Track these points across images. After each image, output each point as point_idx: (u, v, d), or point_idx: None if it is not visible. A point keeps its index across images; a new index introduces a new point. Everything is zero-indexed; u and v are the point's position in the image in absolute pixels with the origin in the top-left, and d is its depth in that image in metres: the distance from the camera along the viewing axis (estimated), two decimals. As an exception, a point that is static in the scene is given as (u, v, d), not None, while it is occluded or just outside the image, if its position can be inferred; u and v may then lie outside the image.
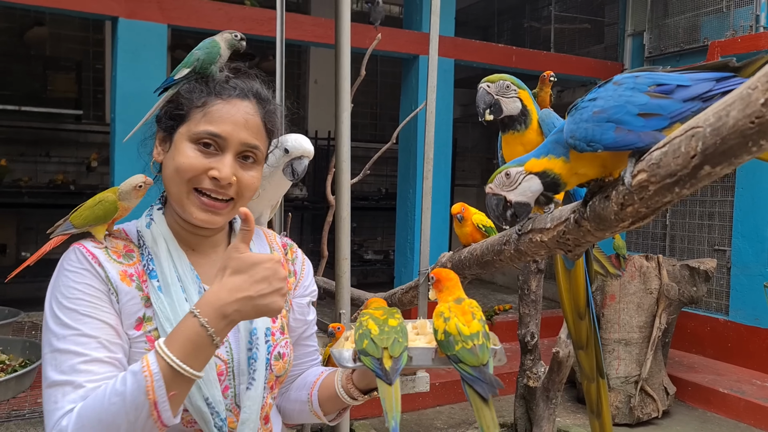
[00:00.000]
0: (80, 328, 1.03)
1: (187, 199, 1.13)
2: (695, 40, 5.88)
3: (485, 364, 0.98)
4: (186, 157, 1.12)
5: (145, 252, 1.16)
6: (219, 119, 1.14)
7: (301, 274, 1.35)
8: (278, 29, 2.33)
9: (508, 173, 1.12)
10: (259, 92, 1.21)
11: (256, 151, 1.17)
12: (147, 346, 1.08)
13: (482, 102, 1.52)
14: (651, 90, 1.01)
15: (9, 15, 6.46)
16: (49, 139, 6.65)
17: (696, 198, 6.01)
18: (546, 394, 3.35)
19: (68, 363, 1.01)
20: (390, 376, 1.00)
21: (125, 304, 1.09)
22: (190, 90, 1.20)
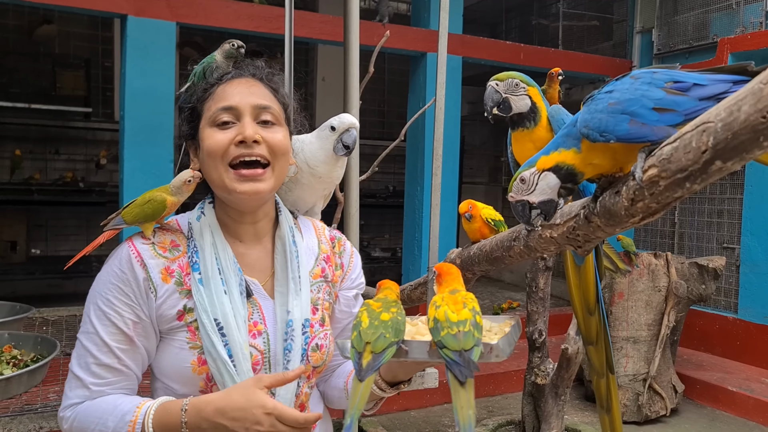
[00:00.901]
0: (100, 332, 1.15)
1: (226, 177, 1.18)
2: (704, 37, 5.85)
3: (468, 350, 0.97)
4: (211, 137, 1.19)
5: (192, 244, 1.23)
6: (225, 96, 1.22)
7: (348, 267, 1.40)
8: (287, 27, 2.33)
9: (523, 178, 1.13)
10: (258, 67, 1.30)
11: (271, 110, 1.23)
12: (188, 335, 1.17)
13: (490, 100, 1.52)
14: (667, 86, 1.01)
15: (18, 13, 6.50)
16: (59, 137, 6.68)
17: (705, 195, 5.98)
18: (555, 390, 3.34)
19: (85, 360, 1.16)
20: (362, 371, 0.99)
21: (164, 301, 1.18)
22: (193, 93, 1.29)
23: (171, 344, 1.18)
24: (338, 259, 1.39)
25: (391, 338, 1.00)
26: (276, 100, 1.26)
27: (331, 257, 1.37)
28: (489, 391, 5.17)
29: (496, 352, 1.00)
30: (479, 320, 1.02)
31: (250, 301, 1.22)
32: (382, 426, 4.28)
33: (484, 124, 8.70)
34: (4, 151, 6.36)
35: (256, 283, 1.25)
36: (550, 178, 1.11)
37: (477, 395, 5.21)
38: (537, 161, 1.12)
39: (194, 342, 1.17)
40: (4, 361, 1.89)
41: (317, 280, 1.32)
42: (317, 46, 7.86)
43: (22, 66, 6.65)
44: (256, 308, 1.23)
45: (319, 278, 1.33)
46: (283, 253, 1.28)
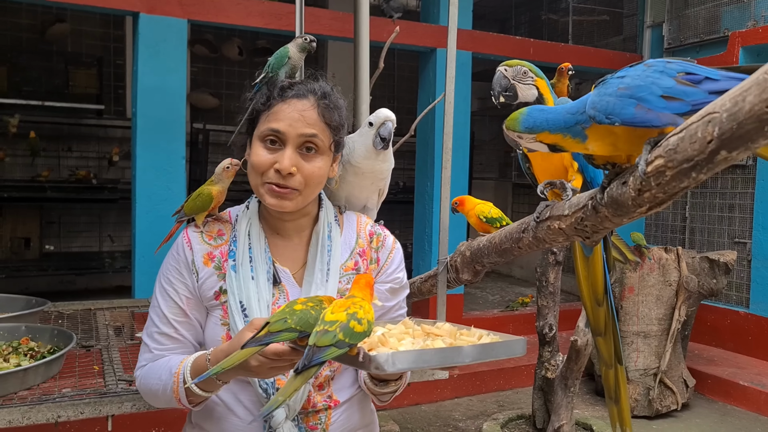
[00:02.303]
0: (161, 305, 1.35)
1: (261, 188, 1.32)
2: (715, 30, 5.81)
3: (320, 346, 1.01)
4: (256, 155, 1.31)
5: (233, 234, 1.38)
6: (278, 118, 1.31)
7: (385, 262, 1.47)
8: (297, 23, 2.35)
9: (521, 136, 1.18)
10: (315, 90, 1.36)
11: (315, 139, 1.31)
12: (222, 313, 1.34)
13: (498, 85, 1.53)
14: (679, 76, 1.03)
15: (31, 12, 6.56)
16: (71, 134, 6.74)
17: (716, 190, 5.95)
18: (564, 382, 3.35)
19: (150, 329, 1.38)
20: (248, 341, 1.11)
21: (204, 282, 1.34)
22: (260, 97, 1.39)
23: (210, 319, 1.36)
24: (374, 254, 1.46)
25: (291, 324, 1.07)
26: (326, 128, 1.34)
27: (367, 251, 1.45)
28: (499, 386, 5.19)
29: (374, 364, 1.01)
30: (356, 326, 1.03)
31: (279, 288, 1.36)
32: (393, 420, 4.31)
33: (494, 119, 8.69)
34: (17, 148, 6.44)
35: (286, 271, 1.38)
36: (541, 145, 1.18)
37: (487, 390, 5.24)
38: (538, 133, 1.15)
39: (225, 320, 1.33)
40: (22, 352, 1.93)
41: (348, 273, 1.41)
42: (327, 42, 7.88)
43: (36, 64, 6.72)
44: (283, 294, 1.36)
45: (350, 270, 1.42)
46: (316, 245, 1.39)
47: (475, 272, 1.85)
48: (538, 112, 1.16)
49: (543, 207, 1.36)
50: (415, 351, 1.04)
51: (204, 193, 1.45)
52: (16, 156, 6.47)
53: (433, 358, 1.05)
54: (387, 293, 1.48)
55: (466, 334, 1.20)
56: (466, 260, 1.83)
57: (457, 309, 5.72)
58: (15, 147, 6.41)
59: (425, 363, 1.05)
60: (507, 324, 6.13)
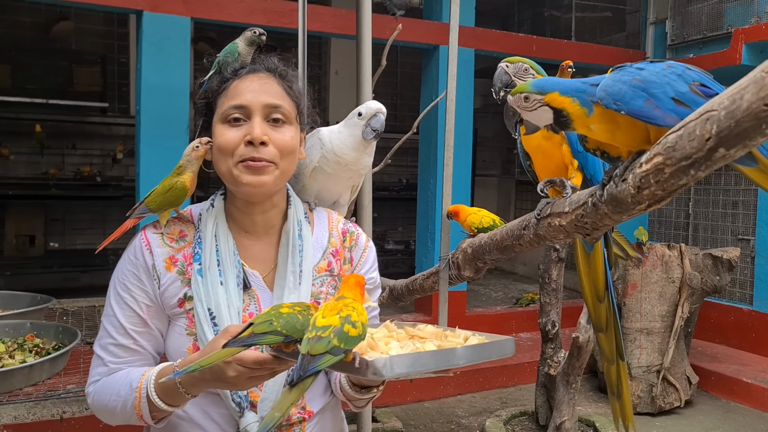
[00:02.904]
0: (118, 315, 1.24)
1: (235, 170, 1.22)
2: (719, 27, 5.80)
3: (315, 354, 0.93)
4: (222, 135, 1.23)
5: (197, 235, 1.28)
6: (238, 93, 1.24)
7: (358, 262, 1.39)
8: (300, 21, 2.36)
9: (527, 97, 1.16)
10: (269, 65, 1.31)
11: (282, 109, 1.25)
12: (187, 322, 1.24)
13: (499, 81, 1.54)
14: (694, 85, 1.05)
15: (35, 10, 6.58)
16: (75, 132, 6.76)
17: (720, 187, 5.94)
18: (566, 378, 3.36)
19: (105, 340, 1.26)
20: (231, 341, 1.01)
21: (167, 288, 1.24)
22: (211, 84, 1.32)
23: (174, 329, 1.26)
24: (348, 254, 1.38)
25: (277, 327, 0.99)
26: (288, 98, 1.28)
27: (340, 251, 1.37)
28: (502, 383, 5.20)
29: (372, 370, 0.94)
30: (350, 330, 0.96)
31: (248, 293, 1.26)
32: (396, 417, 4.32)
33: (497, 116, 8.68)
34: (21, 146, 6.46)
35: (256, 275, 1.28)
36: (547, 114, 1.15)
37: (490, 386, 5.24)
38: (548, 93, 1.14)
39: (191, 329, 1.23)
40: (27, 349, 1.95)
41: (321, 274, 1.33)
42: (330, 40, 7.89)
43: (39, 62, 6.74)
44: (254, 300, 1.27)
45: (324, 272, 1.33)
46: (286, 246, 1.30)
47: (476, 269, 1.85)
48: (550, 78, 1.18)
49: (543, 204, 1.36)
50: (411, 355, 0.99)
51: (177, 185, 1.29)
52: (20, 154, 6.50)
53: (429, 361, 1.00)
54: None
55: (451, 335, 1.14)
56: (467, 257, 1.84)
57: (459, 306, 5.72)
58: (19, 144, 6.43)
59: (422, 367, 0.99)
60: (510, 321, 6.14)
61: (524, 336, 6.08)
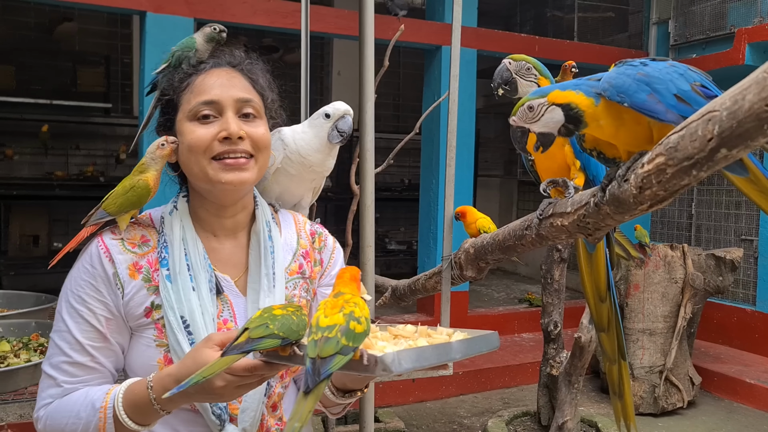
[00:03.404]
0: (72, 329, 1.14)
1: (210, 169, 1.16)
2: (722, 27, 5.79)
3: (325, 357, 0.89)
4: (192, 133, 1.17)
5: (162, 239, 1.20)
6: (205, 89, 1.19)
7: (328, 263, 1.36)
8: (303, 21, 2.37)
9: (531, 106, 1.14)
10: (231, 58, 1.26)
11: (252, 104, 1.20)
12: (155, 332, 1.15)
13: (499, 77, 1.54)
14: (695, 85, 1.07)
15: (39, 11, 6.60)
16: (79, 132, 6.79)
17: (723, 187, 5.93)
18: (568, 378, 3.37)
19: (57, 358, 1.15)
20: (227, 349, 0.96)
21: (131, 297, 1.16)
22: (170, 81, 1.25)
23: (139, 341, 1.17)
24: (318, 255, 1.35)
25: (274, 330, 0.95)
26: (255, 92, 1.24)
27: (310, 253, 1.34)
28: (505, 383, 5.20)
29: (382, 366, 0.90)
30: (356, 327, 0.92)
31: (221, 298, 1.20)
32: (398, 417, 4.33)
33: (499, 117, 8.68)
34: (25, 146, 6.48)
35: (228, 279, 1.23)
36: (556, 113, 1.13)
37: (492, 387, 5.23)
38: (549, 93, 1.14)
39: (161, 340, 1.15)
40: (32, 348, 1.96)
41: (294, 277, 1.29)
42: (332, 40, 7.90)
43: (43, 63, 6.76)
44: (227, 305, 1.20)
45: (296, 275, 1.30)
46: (257, 248, 1.25)
47: (479, 269, 1.86)
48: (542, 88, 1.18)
49: (546, 204, 1.37)
50: (416, 349, 0.97)
51: (140, 184, 1.19)
52: (24, 154, 6.52)
53: (432, 355, 0.99)
54: None
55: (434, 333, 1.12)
56: (470, 257, 1.85)
57: (462, 306, 5.73)
58: (23, 145, 6.46)
59: (425, 361, 0.98)
60: (512, 321, 6.14)
61: (526, 336, 6.08)
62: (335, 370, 0.89)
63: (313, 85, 2.18)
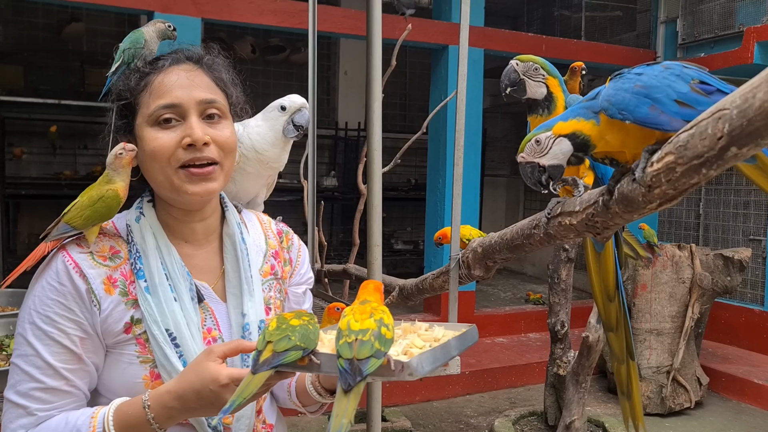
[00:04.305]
0: (42, 353, 1.04)
1: (175, 178, 1.09)
2: (730, 26, 5.76)
3: (361, 359, 0.91)
4: (154, 140, 1.09)
5: (134, 249, 1.12)
6: (165, 90, 1.11)
7: (297, 262, 1.33)
8: (310, 21, 2.37)
9: (538, 140, 1.15)
10: (191, 54, 1.18)
11: (216, 104, 1.13)
12: (137, 348, 1.08)
13: (507, 78, 1.54)
14: (693, 83, 1.05)
15: (47, 12, 6.64)
16: (87, 132, 6.82)
17: (731, 187, 5.91)
18: (575, 378, 3.36)
19: (25, 386, 1.04)
20: (256, 365, 0.94)
21: (109, 314, 1.08)
22: (125, 82, 1.17)
23: (118, 359, 1.09)
24: (286, 254, 1.31)
25: (297, 341, 0.95)
26: (219, 90, 1.16)
27: (280, 253, 1.29)
28: (511, 383, 5.19)
29: (408, 371, 0.92)
30: (386, 333, 0.94)
31: (202, 307, 1.14)
32: (405, 416, 4.33)
33: (506, 116, 8.67)
34: (33, 146, 6.52)
35: (206, 286, 1.17)
36: (564, 144, 1.14)
37: (499, 387, 5.24)
38: (554, 126, 1.14)
39: (145, 355, 1.08)
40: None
41: (267, 278, 1.25)
42: (339, 40, 7.90)
43: (52, 63, 6.80)
44: (209, 313, 1.15)
45: (269, 276, 1.26)
46: (233, 251, 1.20)
47: (486, 268, 1.86)
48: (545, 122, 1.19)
49: (554, 203, 1.37)
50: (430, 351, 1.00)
51: (109, 195, 1.09)
52: (33, 154, 6.56)
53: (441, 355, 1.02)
54: (302, 295, 1.34)
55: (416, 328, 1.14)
56: (477, 256, 1.85)
57: (468, 306, 5.73)
58: (32, 144, 6.49)
59: (439, 361, 1.01)
60: (519, 321, 6.13)
61: (533, 336, 6.07)
62: (371, 372, 0.90)
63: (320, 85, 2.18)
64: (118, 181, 1.11)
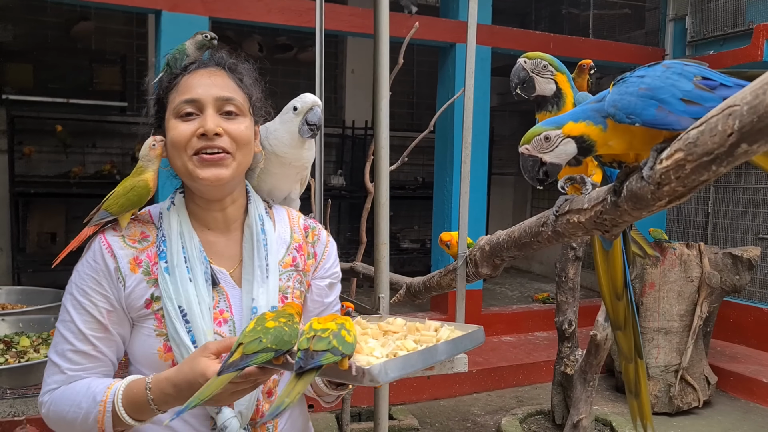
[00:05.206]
0: (76, 320, 1.21)
1: (190, 164, 1.22)
2: (740, 23, 5.73)
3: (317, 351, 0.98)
4: (174, 129, 1.23)
5: (160, 234, 1.27)
6: (189, 88, 1.25)
7: (322, 257, 1.42)
8: (318, 20, 2.37)
9: (548, 136, 1.15)
10: (218, 58, 1.32)
11: (234, 101, 1.26)
12: (155, 323, 1.23)
13: (516, 77, 1.54)
14: (696, 80, 1.05)
15: (56, 10, 6.67)
16: (96, 131, 6.86)
17: (740, 185, 5.87)
18: (583, 376, 3.35)
19: (62, 346, 1.22)
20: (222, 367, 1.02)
21: (133, 290, 1.23)
22: (159, 83, 1.34)
23: (141, 331, 1.24)
24: (311, 249, 1.40)
25: (268, 344, 1.01)
26: (240, 90, 1.29)
27: (304, 246, 1.39)
28: (518, 382, 5.19)
29: (369, 377, 0.97)
30: (346, 336, 1.01)
31: (217, 290, 1.26)
32: (412, 414, 4.33)
33: (514, 115, 8.65)
34: (43, 144, 6.55)
35: (223, 272, 1.29)
36: (570, 146, 1.14)
37: (506, 385, 5.23)
38: (564, 125, 1.14)
39: (160, 329, 1.22)
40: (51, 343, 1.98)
41: (287, 269, 1.35)
42: (346, 38, 7.91)
43: (61, 62, 6.83)
44: (223, 296, 1.27)
45: (289, 267, 1.35)
46: (250, 241, 1.31)
47: (494, 266, 1.85)
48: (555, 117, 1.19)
49: (562, 201, 1.36)
50: (402, 358, 1.03)
51: (140, 184, 1.26)
52: (42, 152, 6.60)
53: (418, 361, 1.04)
54: (326, 288, 1.43)
55: (422, 327, 1.17)
56: (485, 254, 1.84)
57: (476, 304, 5.72)
58: (42, 143, 6.53)
59: (411, 368, 1.04)
60: (526, 320, 6.12)
61: (540, 335, 6.06)
62: (324, 363, 0.98)
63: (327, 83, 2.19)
64: (148, 172, 1.27)
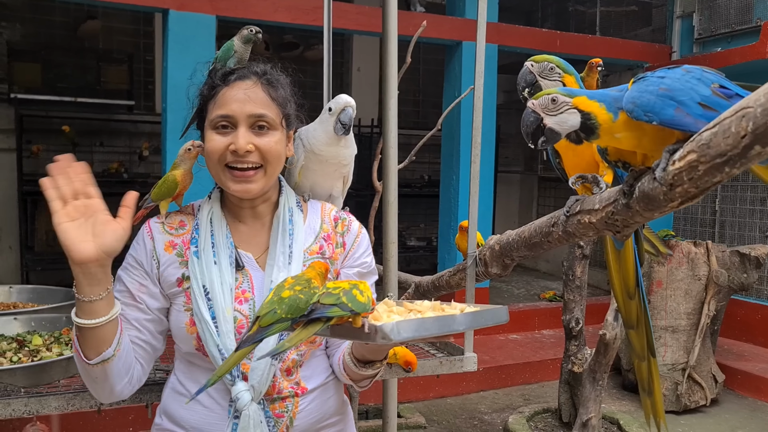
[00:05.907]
0: (117, 285, 1.36)
1: (223, 176, 1.34)
2: (747, 20, 5.70)
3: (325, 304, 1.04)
4: (210, 141, 1.34)
5: (196, 223, 1.41)
6: (225, 102, 1.34)
7: (351, 246, 1.48)
8: (325, 18, 2.37)
9: (555, 99, 1.15)
10: (256, 70, 1.39)
11: (266, 118, 1.34)
12: (185, 299, 1.36)
13: (522, 81, 1.55)
14: (714, 87, 1.07)
15: (64, 10, 6.70)
16: (103, 129, 6.88)
17: (747, 183, 5.85)
18: (593, 375, 3.35)
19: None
20: (241, 341, 1.07)
21: (166, 268, 1.37)
22: (203, 88, 1.42)
23: (174, 307, 1.38)
24: (340, 238, 1.48)
25: (282, 314, 1.05)
26: (273, 104, 1.36)
27: (332, 236, 1.47)
28: (525, 379, 5.19)
29: (381, 334, 1.00)
30: (358, 295, 1.05)
31: (242, 272, 1.38)
32: (419, 412, 4.34)
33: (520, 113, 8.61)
34: (51, 143, 6.58)
35: (249, 256, 1.40)
36: (574, 117, 1.14)
37: (513, 383, 5.23)
38: (577, 96, 1.14)
39: (188, 305, 1.35)
40: (64, 342, 1.99)
41: (313, 256, 1.43)
42: (353, 36, 7.91)
43: (68, 61, 6.86)
44: (247, 278, 1.38)
45: (315, 254, 1.44)
46: (277, 230, 1.41)
47: (504, 266, 1.86)
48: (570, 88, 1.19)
49: (573, 201, 1.37)
50: (416, 320, 1.04)
51: (168, 179, 1.45)
52: (50, 151, 6.62)
53: (433, 326, 1.05)
54: (355, 277, 1.49)
55: (448, 308, 1.19)
56: (495, 254, 1.85)
57: (482, 302, 5.72)
58: (49, 142, 6.56)
59: (426, 331, 1.05)
60: (533, 318, 6.12)
61: (547, 333, 6.06)
62: (331, 316, 1.03)
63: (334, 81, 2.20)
64: (180, 169, 1.45)
